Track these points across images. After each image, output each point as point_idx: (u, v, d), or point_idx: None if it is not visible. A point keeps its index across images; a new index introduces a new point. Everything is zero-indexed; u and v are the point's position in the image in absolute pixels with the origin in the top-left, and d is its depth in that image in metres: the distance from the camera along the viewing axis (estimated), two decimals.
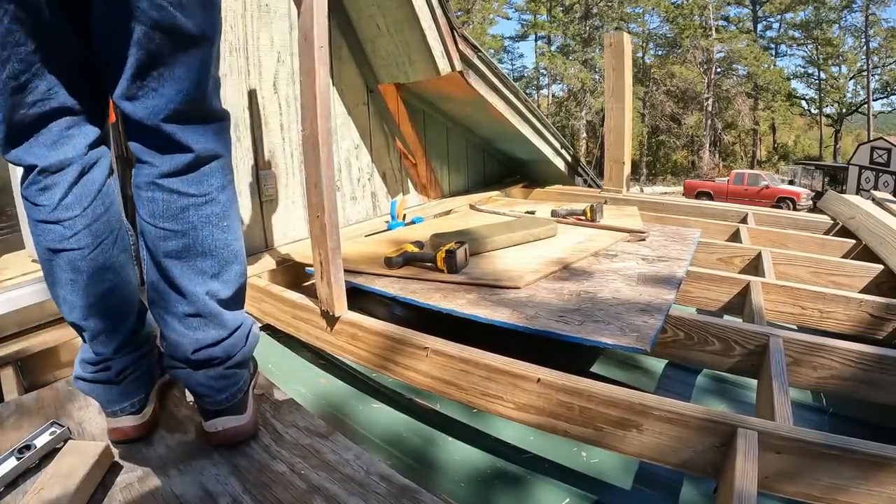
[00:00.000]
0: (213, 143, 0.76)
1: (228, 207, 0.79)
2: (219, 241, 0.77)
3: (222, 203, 0.78)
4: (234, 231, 0.80)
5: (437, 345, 1.04)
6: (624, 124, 2.63)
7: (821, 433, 0.76)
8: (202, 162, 0.75)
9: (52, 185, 0.74)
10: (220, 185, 0.78)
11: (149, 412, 0.86)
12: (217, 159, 0.77)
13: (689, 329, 1.18)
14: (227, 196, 0.79)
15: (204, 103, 0.75)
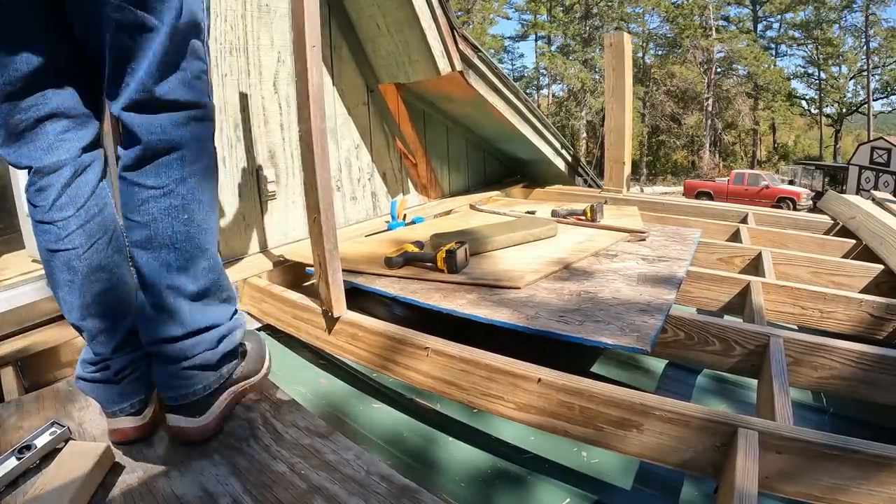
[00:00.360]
0: (169, 135, 0.74)
1: (189, 200, 0.76)
2: (179, 234, 0.76)
3: (182, 195, 0.75)
4: (198, 224, 0.77)
5: (437, 345, 1.04)
6: (624, 124, 2.63)
7: (821, 433, 0.76)
8: (157, 154, 0.74)
9: (47, 186, 0.77)
10: (179, 177, 0.75)
11: (149, 413, 0.86)
12: (175, 151, 0.74)
13: (689, 329, 1.18)
14: (188, 188, 0.76)
15: (159, 93, 0.72)
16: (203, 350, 0.80)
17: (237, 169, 1.66)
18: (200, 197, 0.78)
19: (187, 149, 0.76)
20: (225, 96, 1.59)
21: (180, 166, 0.75)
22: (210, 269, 0.81)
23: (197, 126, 0.77)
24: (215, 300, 0.83)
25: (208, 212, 0.79)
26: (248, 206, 1.71)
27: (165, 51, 0.71)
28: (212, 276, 0.81)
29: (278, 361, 1.39)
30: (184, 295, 0.78)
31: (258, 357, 0.98)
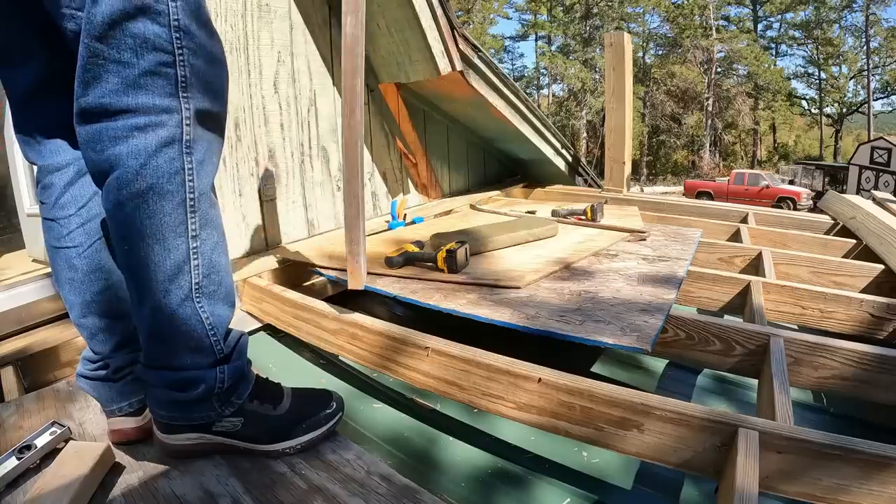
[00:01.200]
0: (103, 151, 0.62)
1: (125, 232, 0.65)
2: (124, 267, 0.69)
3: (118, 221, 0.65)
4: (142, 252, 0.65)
5: (437, 345, 1.04)
6: (624, 124, 2.63)
7: (822, 433, 0.76)
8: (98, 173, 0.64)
9: (50, 184, 0.77)
10: (115, 202, 0.63)
11: (150, 414, 0.85)
12: (113, 170, 0.63)
13: (689, 329, 1.18)
14: (123, 215, 0.64)
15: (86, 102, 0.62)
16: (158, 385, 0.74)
17: (237, 169, 1.66)
18: (142, 229, 0.64)
19: (122, 170, 0.62)
20: None
21: (113, 192, 0.63)
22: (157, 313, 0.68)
23: (144, 138, 0.62)
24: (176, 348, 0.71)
25: (152, 250, 0.65)
26: (249, 206, 1.71)
27: (86, 45, 0.60)
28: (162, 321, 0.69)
29: (278, 361, 1.39)
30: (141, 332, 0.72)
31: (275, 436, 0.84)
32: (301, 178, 1.89)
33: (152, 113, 0.63)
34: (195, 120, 0.67)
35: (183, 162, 0.66)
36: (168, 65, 0.63)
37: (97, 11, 0.59)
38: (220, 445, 0.80)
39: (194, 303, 0.70)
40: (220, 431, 0.79)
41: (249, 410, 0.80)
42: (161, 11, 0.61)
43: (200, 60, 0.67)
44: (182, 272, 0.68)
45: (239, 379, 0.79)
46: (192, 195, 0.67)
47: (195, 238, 0.69)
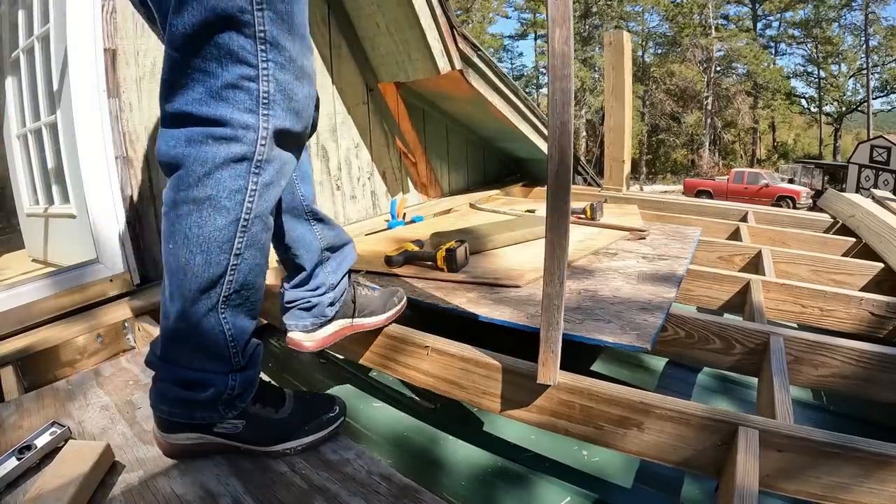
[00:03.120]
0: (173, 151, 0.63)
1: (176, 230, 0.64)
2: (165, 262, 0.68)
3: (170, 218, 0.65)
4: (179, 262, 0.65)
5: (437, 344, 1.04)
6: (624, 123, 2.63)
7: (822, 431, 0.76)
8: (168, 170, 0.65)
9: None
10: (172, 199, 0.64)
11: (318, 336, 0.96)
12: (169, 169, 0.64)
13: (689, 327, 1.18)
14: (176, 215, 0.64)
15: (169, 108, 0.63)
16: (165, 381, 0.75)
17: None
18: (188, 234, 0.64)
19: (186, 171, 0.63)
20: None
21: (173, 189, 0.64)
22: (184, 317, 0.68)
23: (216, 147, 0.62)
24: (195, 351, 0.71)
25: (194, 255, 0.64)
26: None
27: (169, 54, 0.60)
28: (187, 324, 0.68)
29: (278, 361, 1.39)
30: (164, 327, 0.72)
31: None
32: None
33: (230, 126, 0.62)
34: (272, 139, 0.65)
35: (248, 181, 0.64)
36: (251, 79, 0.61)
37: (179, 22, 0.58)
38: (220, 446, 0.80)
39: (218, 314, 0.69)
40: (221, 433, 0.78)
41: (251, 413, 0.80)
42: (247, 22, 0.59)
43: (288, 76, 0.64)
44: (216, 286, 0.68)
45: (248, 387, 0.78)
46: (247, 216, 0.66)
47: (238, 256, 0.68)
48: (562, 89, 0.70)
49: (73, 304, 1.27)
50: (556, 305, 0.81)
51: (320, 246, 0.92)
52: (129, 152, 1.37)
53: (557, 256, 0.78)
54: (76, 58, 1.26)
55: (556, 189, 0.75)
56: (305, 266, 0.92)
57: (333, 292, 0.96)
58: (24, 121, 2.06)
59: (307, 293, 0.93)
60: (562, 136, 0.71)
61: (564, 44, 0.69)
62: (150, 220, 1.44)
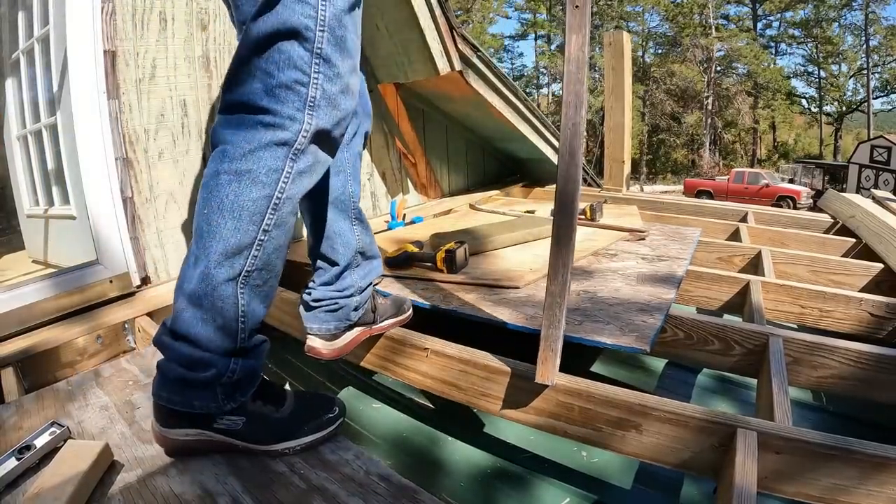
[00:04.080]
0: (223, 135, 0.72)
1: (210, 195, 0.71)
2: (196, 227, 0.73)
3: (208, 187, 0.71)
4: (210, 226, 0.71)
5: (436, 345, 1.04)
6: (624, 123, 2.63)
7: (820, 433, 0.76)
8: (213, 148, 0.74)
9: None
10: (214, 170, 0.71)
11: (338, 344, 0.97)
12: (217, 146, 0.72)
13: (688, 328, 1.18)
14: (216, 183, 0.71)
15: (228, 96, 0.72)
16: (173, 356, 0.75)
17: None
18: (224, 200, 0.70)
19: (232, 146, 0.70)
20: None
21: (216, 161, 0.71)
22: (205, 279, 0.72)
23: (263, 131, 0.70)
24: (205, 319, 0.73)
25: (226, 220, 0.70)
26: None
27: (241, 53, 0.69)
28: (205, 287, 0.72)
29: (278, 361, 1.39)
30: (180, 290, 0.74)
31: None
32: None
33: (279, 117, 0.70)
34: (312, 135, 0.72)
35: (285, 164, 0.72)
36: (303, 84, 0.70)
37: (255, 28, 0.68)
38: (219, 444, 0.80)
39: (237, 287, 0.73)
40: (221, 429, 0.79)
41: (251, 410, 0.81)
42: (309, 38, 0.69)
43: (335, 88, 0.74)
44: (241, 255, 0.72)
45: (248, 377, 0.79)
46: (279, 195, 0.72)
47: (266, 233, 0.73)
48: (576, 92, 0.74)
49: (73, 306, 1.27)
50: (558, 303, 0.82)
51: (356, 247, 0.97)
52: (129, 153, 1.37)
53: (562, 255, 0.79)
54: (76, 59, 1.27)
55: (564, 188, 0.77)
56: (339, 262, 0.95)
57: (359, 297, 0.99)
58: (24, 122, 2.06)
59: (335, 293, 0.95)
60: (573, 136, 0.74)
61: (580, 50, 0.73)
62: (150, 222, 1.44)
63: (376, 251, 1.05)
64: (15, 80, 2.06)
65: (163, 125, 1.44)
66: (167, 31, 1.42)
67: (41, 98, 1.84)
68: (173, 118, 1.46)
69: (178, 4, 1.44)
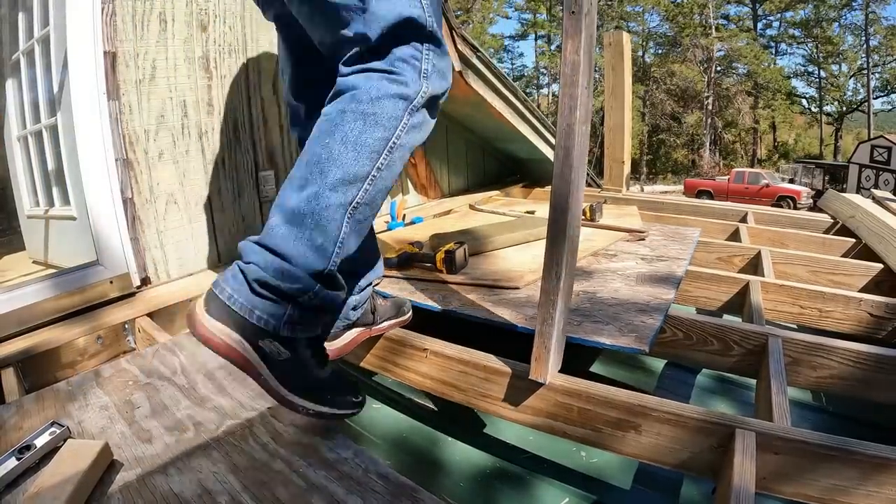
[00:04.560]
0: (352, 81, 0.80)
1: (336, 126, 0.78)
2: (313, 150, 0.79)
3: (334, 121, 0.79)
4: (333, 148, 0.78)
5: (436, 346, 1.04)
6: (623, 123, 2.63)
7: (819, 434, 0.76)
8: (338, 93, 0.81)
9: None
10: (341, 108, 0.80)
11: (337, 344, 0.98)
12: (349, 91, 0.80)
13: (688, 329, 1.18)
14: (343, 119, 0.79)
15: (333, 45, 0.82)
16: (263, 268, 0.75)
17: (236, 170, 1.66)
18: (348, 134, 0.78)
19: (361, 91, 0.79)
20: (224, 97, 1.59)
21: (343, 102, 0.79)
22: (315, 199, 0.76)
23: (388, 83, 0.79)
24: (301, 237, 0.76)
25: (348, 151, 0.78)
26: (248, 208, 1.71)
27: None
28: (313, 206, 0.76)
29: None
30: (283, 207, 0.77)
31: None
32: None
33: (403, 76, 0.80)
34: (426, 98, 0.82)
35: (403, 115, 0.80)
36: (417, 59, 0.81)
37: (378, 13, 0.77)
38: (246, 363, 0.76)
39: (345, 214, 0.78)
40: (263, 352, 0.76)
41: (300, 352, 0.79)
42: (422, 24, 0.80)
43: (442, 63, 0.84)
44: (355, 185, 0.78)
45: (323, 310, 0.81)
46: (395, 140, 0.80)
47: (379, 170, 0.80)
48: (570, 95, 0.76)
49: (73, 306, 1.28)
50: (551, 301, 0.82)
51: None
52: (130, 154, 1.37)
53: (556, 253, 0.80)
54: (76, 60, 1.27)
55: (558, 187, 0.78)
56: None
57: (359, 296, 0.99)
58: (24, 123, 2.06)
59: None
60: (567, 137, 0.77)
61: (575, 54, 0.75)
62: (150, 222, 1.45)
63: (377, 250, 1.07)
64: (15, 80, 2.07)
65: (163, 126, 1.44)
66: (167, 31, 1.42)
67: (41, 99, 1.85)
68: (173, 119, 1.47)
69: (178, 5, 1.44)
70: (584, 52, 0.74)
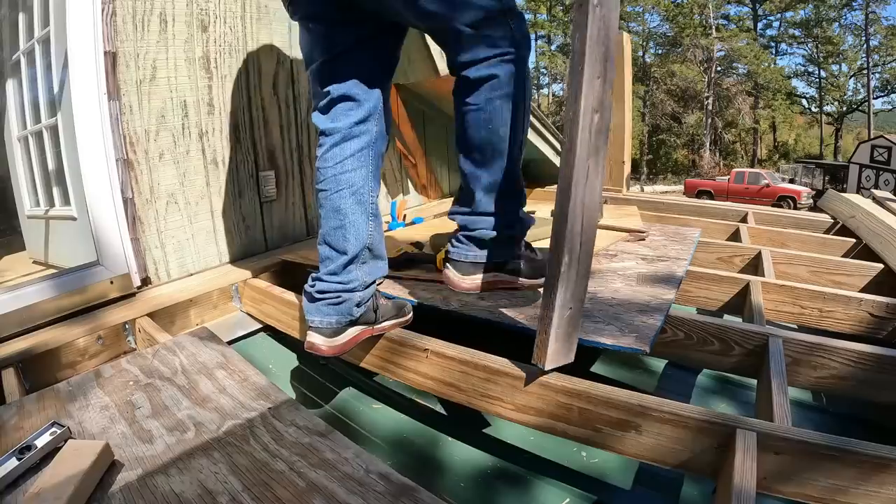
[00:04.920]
0: (486, 71, 0.96)
1: (492, 114, 0.98)
2: (483, 139, 1.00)
3: (488, 111, 0.98)
4: (496, 132, 0.99)
5: (436, 346, 1.04)
6: (623, 124, 2.63)
7: (819, 434, 0.76)
8: (477, 83, 0.97)
9: (324, 143, 1.04)
10: (488, 97, 0.98)
11: (338, 341, 1.03)
12: (489, 80, 0.97)
13: (688, 329, 1.18)
14: (495, 107, 0.98)
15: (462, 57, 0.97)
16: (481, 227, 1.04)
17: (237, 170, 1.66)
18: (503, 114, 0.98)
19: (498, 80, 0.97)
20: (224, 98, 1.59)
21: (489, 90, 0.97)
22: (502, 173, 1.02)
23: (509, 65, 0.97)
24: (503, 198, 1.04)
25: (507, 127, 1.00)
26: (248, 208, 1.71)
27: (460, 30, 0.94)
28: (502, 177, 1.02)
29: (279, 362, 1.39)
30: (479, 185, 1.02)
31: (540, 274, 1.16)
32: (301, 180, 1.89)
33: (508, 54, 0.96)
34: (523, 62, 0.99)
35: (525, 80, 1.00)
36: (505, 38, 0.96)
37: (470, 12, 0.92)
38: (504, 281, 1.10)
39: (518, 168, 1.05)
40: (510, 269, 1.09)
41: (526, 255, 1.12)
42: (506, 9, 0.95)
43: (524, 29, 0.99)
44: (516, 148, 1.02)
45: (525, 230, 1.12)
46: (526, 105, 1.01)
47: (523, 133, 1.03)
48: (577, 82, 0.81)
49: (73, 306, 1.28)
50: (551, 285, 0.84)
51: (366, 241, 1.05)
52: (130, 154, 1.37)
53: (560, 236, 0.83)
54: (76, 60, 1.27)
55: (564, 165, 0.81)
56: (348, 251, 1.02)
57: (362, 293, 1.04)
58: (24, 123, 2.07)
59: (339, 285, 1.02)
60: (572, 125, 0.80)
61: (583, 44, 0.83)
62: (150, 223, 1.45)
63: (384, 252, 1.11)
64: (16, 81, 2.07)
65: (163, 126, 1.45)
66: (168, 32, 1.42)
67: (42, 99, 1.85)
68: (174, 119, 1.47)
69: (179, 5, 1.44)
70: (589, 45, 0.80)
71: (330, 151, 1.02)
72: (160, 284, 1.47)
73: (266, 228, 1.79)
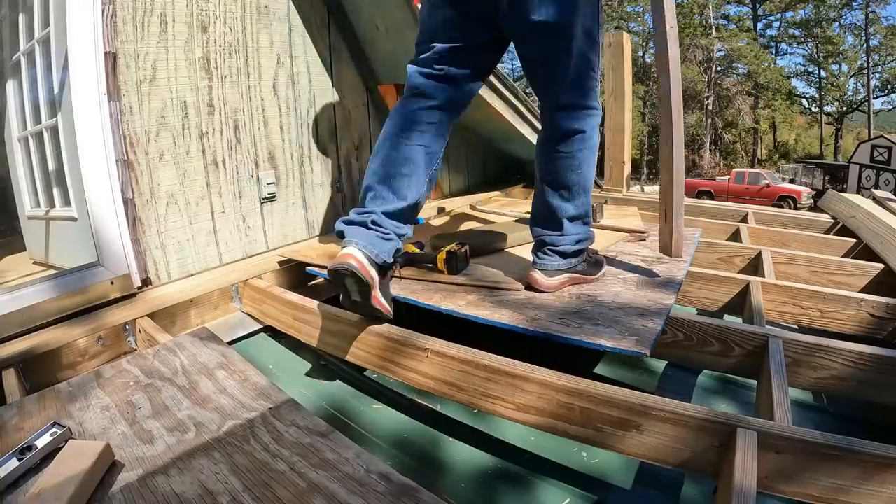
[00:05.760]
0: (577, 125, 1.19)
1: (581, 161, 1.21)
2: (572, 181, 1.23)
3: (578, 158, 1.21)
4: (584, 175, 1.23)
5: (437, 346, 1.04)
6: (624, 124, 2.63)
7: (820, 433, 0.76)
8: (567, 134, 1.20)
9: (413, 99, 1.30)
10: (579, 148, 1.21)
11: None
12: (579, 133, 1.20)
13: (688, 330, 1.18)
14: (584, 155, 1.22)
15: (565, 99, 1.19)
16: (565, 245, 1.25)
17: (237, 171, 1.66)
18: (590, 161, 1.23)
19: (587, 133, 1.21)
20: (224, 98, 1.59)
21: (580, 142, 1.20)
22: (584, 204, 1.26)
23: (594, 119, 1.22)
24: (581, 222, 1.28)
25: (590, 170, 1.25)
26: (249, 208, 1.72)
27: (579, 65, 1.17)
28: (584, 208, 1.27)
29: (279, 362, 1.39)
30: (566, 215, 1.25)
31: (598, 270, 1.35)
32: (301, 180, 1.89)
33: (595, 109, 1.22)
34: (600, 119, 1.24)
35: (600, 134, 1.25)
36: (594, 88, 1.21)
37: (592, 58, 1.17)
38: (575, 279, 1.29)
39: (590, 196, 1.29)
40: (579, 270, 1.29)
41: (588, 259, 1.33)
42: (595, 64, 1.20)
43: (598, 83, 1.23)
44: (591, 183, 1.27)
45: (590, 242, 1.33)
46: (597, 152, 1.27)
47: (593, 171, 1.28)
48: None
49: (74, 307, 1.28)
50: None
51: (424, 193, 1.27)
52: (130, 155, 1.37)
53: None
54: (77, 61, 1.27)
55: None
56: (408, 197, 1.20)
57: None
58: (25, 124, 2.07)
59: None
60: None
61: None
62: (150, 223, 1.45)
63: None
64: (16, 81, 2.07)
65: (163, 127, 1.45)
66: (168, 32, 1.42)
67: (42, 100, 1.85)
68: (174, 120, 1.47)
69: (179, 6, 1.44)
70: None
71: (417, 103, 1.24)
72: (160, 285, 1.47)
73: (266, 228, 1.79)
